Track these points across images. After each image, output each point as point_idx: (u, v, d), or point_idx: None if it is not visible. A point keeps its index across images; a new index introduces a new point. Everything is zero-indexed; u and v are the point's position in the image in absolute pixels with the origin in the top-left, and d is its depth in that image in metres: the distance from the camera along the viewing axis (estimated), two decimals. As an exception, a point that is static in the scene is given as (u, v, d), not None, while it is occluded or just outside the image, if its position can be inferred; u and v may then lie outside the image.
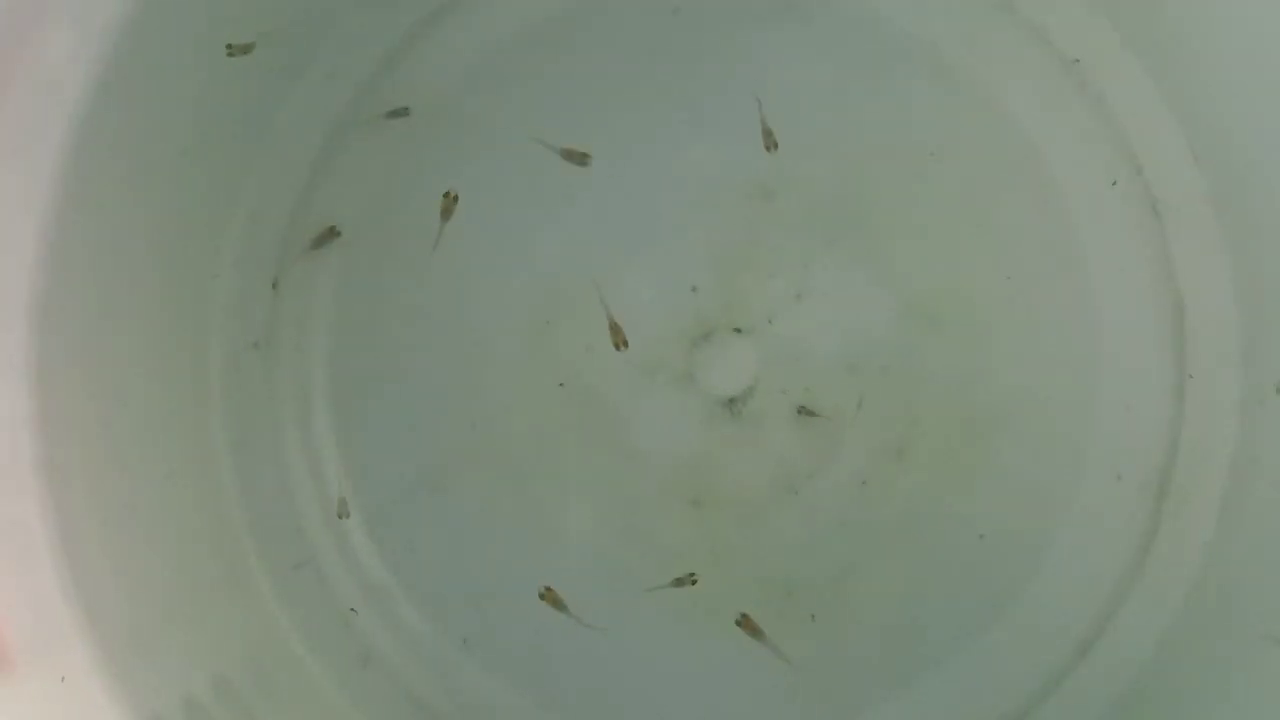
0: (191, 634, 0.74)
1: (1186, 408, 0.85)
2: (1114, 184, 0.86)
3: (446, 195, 0.85)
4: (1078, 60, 0.85)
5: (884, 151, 0.86)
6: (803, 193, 0.87)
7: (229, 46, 0.73)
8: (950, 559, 0.86)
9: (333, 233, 0.87)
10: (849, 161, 0.86)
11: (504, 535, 0.87)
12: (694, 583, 0.84)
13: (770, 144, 0.85)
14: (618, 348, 0.85)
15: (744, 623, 0.84)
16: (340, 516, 0.87)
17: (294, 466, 0.87)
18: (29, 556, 0.59)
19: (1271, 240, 0.78)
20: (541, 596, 0.84)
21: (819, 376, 0.87)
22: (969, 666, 0.86)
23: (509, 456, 0.87)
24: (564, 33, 0.87)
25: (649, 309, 0.87)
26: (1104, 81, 0.85)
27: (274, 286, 0.87)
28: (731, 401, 0.87)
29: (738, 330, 0.87)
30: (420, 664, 0.87)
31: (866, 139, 0.86)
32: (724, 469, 0.87)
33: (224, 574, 0.82)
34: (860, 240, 0.87)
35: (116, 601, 0.64)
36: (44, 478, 0.60)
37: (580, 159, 0.86)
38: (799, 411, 0.86)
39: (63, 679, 0.59)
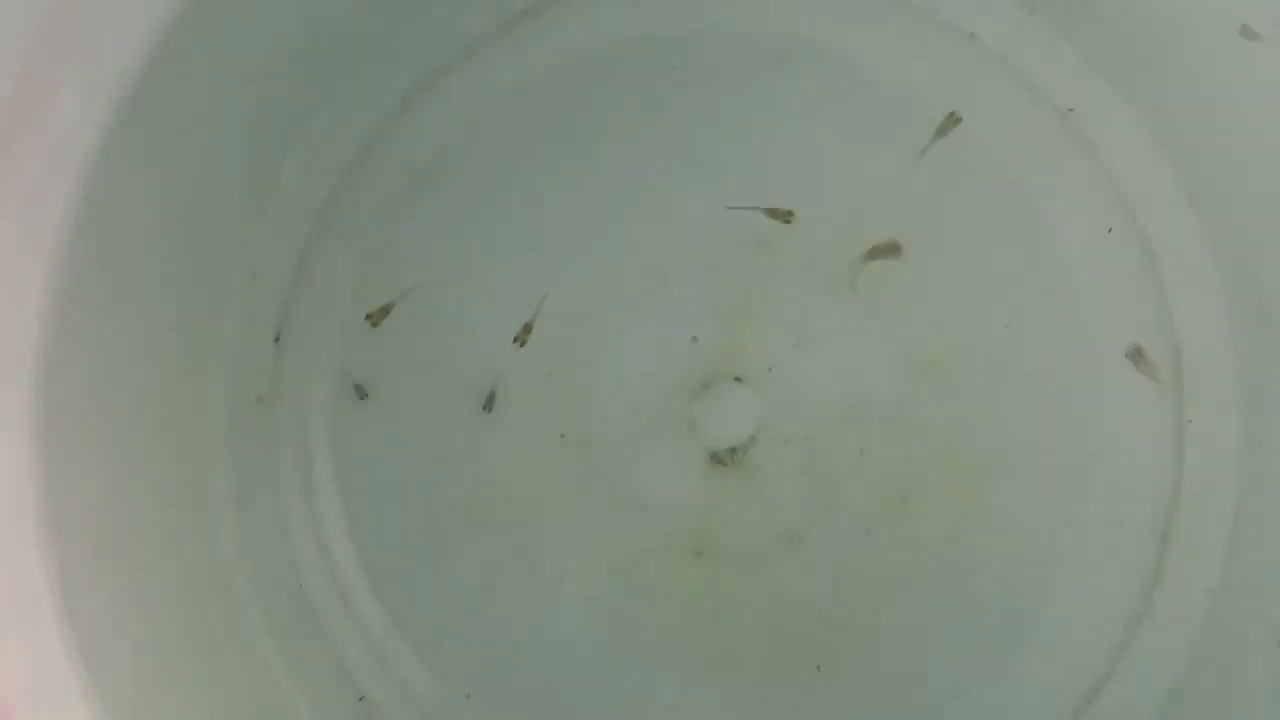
0: (193, 691, 0.74)
1: (1187, 453, 0.85)
2: (1109, 231, 0.86)
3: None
4: (1071, 109, 0.87)
5: (880, 201, 0.87)
6: (801, 242, 0.87)
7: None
8: (954, 608, 0.85)
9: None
10: (845, 211, 0.87)
11: (506, 589, 0.87)
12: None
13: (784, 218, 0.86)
14: (519, 339, 0.85)
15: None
16: None
17: (295, 522, 0.87)
18: (31, 614, 0.58)
19: (1268, 283, 0.79)
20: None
21: (820, 425, 0.87)
22: (973, 716, 0.85)
23: (510, 509, 0.87)
24: (564, 90, 0.88)
25: (650, 359, 0.87)
26: (1098, 130, 0.86)
27: (276, 341, 0.87)
28: (733, 451, 0.87)
29: (738, 380, 0.87)
30: (423, 719, 0.86)
31: (862, 189, 0.87)
32: (726, 519, 0.86)
33: (225, 630, 0.82)
34: (858, 289, 0.87)
35: (118, 659, 0.64)
36: (47, 534, 0.59)
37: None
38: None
39: (64, 738, 0.59)
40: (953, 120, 0.86)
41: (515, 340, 0.87)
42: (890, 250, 0.86)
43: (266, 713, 0.82)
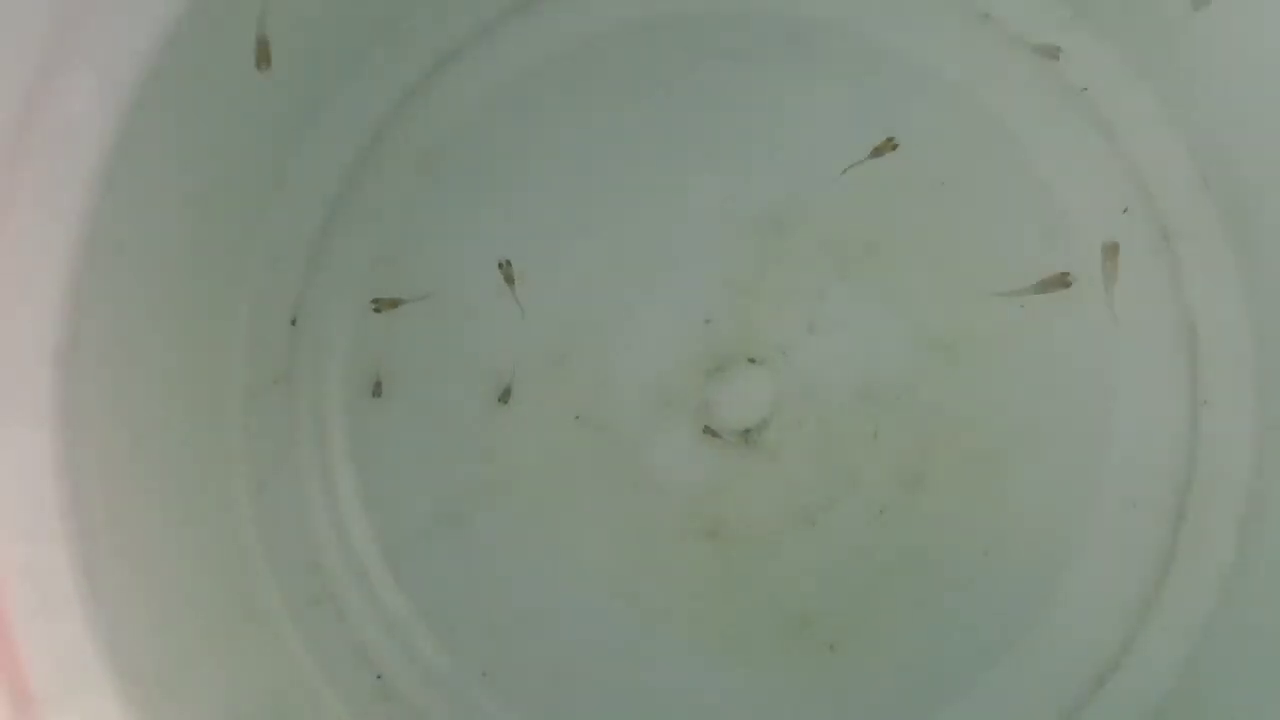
0: (213, 669, 0.74)
1: (1201, 434, 0.85)
2: (1125, 211, 0.86)
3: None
4: (1086, 89, 0.86)
5: (894, 182, 0.87)
6: (813, 224, 0.87)
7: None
8: (967, 588, 0.86)
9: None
10: (859, 192, 0.87)
11: (521, 568, 0.87)
12: None
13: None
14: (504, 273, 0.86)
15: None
16: None
17: (313, 502, 0.88)
18: (55, 601, 0.59)
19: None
20: None
21: (834, 407, 0.87)
22: (987, 696, 0.85)
23: (525, 490, 0.88)
24: (577, 72, 0.88)
25: (663, 341, 0.88)
26: (1113, 110, 0.86)
27: (293, 323, 0.87)
28: (746, 432, 0.87)
29: (752, 361, 0.87)
30: (439, 697, 0.87)
31: (876, 169, 0.87)
32: (740, 500, 0.87)
33: (244, 609, 0.82)
34: (872, 270, 0.87)
35: (140, 642, 0.65)
36: (70, 522, 0.60)
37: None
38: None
39: (88, 721, 0.60)
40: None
41: (500, 268, 0.87)
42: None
43: (285, 690, 0.83)
